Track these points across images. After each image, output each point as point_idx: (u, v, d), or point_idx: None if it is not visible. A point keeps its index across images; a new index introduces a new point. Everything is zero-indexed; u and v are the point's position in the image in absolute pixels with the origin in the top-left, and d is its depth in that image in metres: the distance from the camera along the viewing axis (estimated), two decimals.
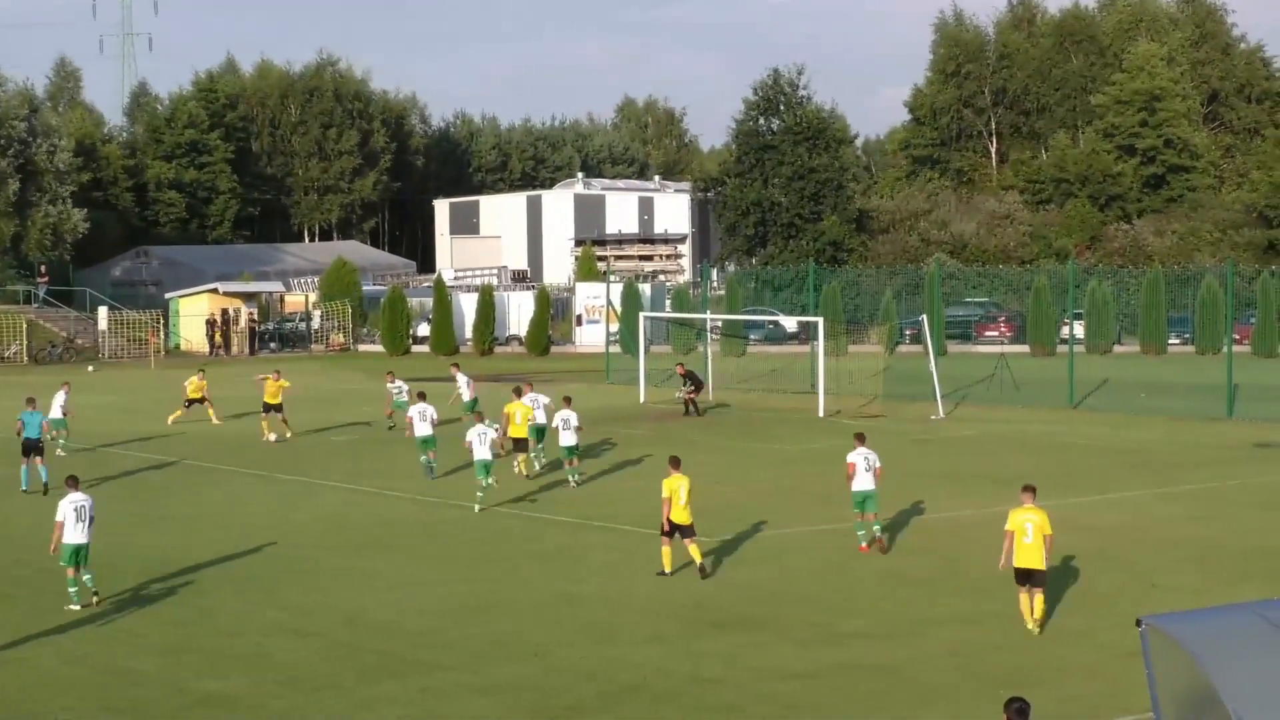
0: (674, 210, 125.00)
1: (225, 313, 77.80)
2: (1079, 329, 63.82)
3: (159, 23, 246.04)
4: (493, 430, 30.36)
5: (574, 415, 32.82)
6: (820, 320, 50.08)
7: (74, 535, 21.67)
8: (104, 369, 67.95)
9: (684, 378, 46.65)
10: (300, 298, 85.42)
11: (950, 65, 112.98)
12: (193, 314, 78.27)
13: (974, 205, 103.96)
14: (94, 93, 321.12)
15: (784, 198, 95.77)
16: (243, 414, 44.75)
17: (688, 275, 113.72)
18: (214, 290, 79.19)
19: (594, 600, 22.22)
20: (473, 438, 29.66)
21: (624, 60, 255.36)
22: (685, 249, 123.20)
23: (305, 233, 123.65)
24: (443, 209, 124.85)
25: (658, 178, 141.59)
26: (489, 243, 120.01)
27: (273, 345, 78.81)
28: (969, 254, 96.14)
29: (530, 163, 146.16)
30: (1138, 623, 11.07)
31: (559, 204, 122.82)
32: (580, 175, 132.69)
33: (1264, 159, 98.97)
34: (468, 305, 77.28)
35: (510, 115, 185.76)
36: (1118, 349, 71.47)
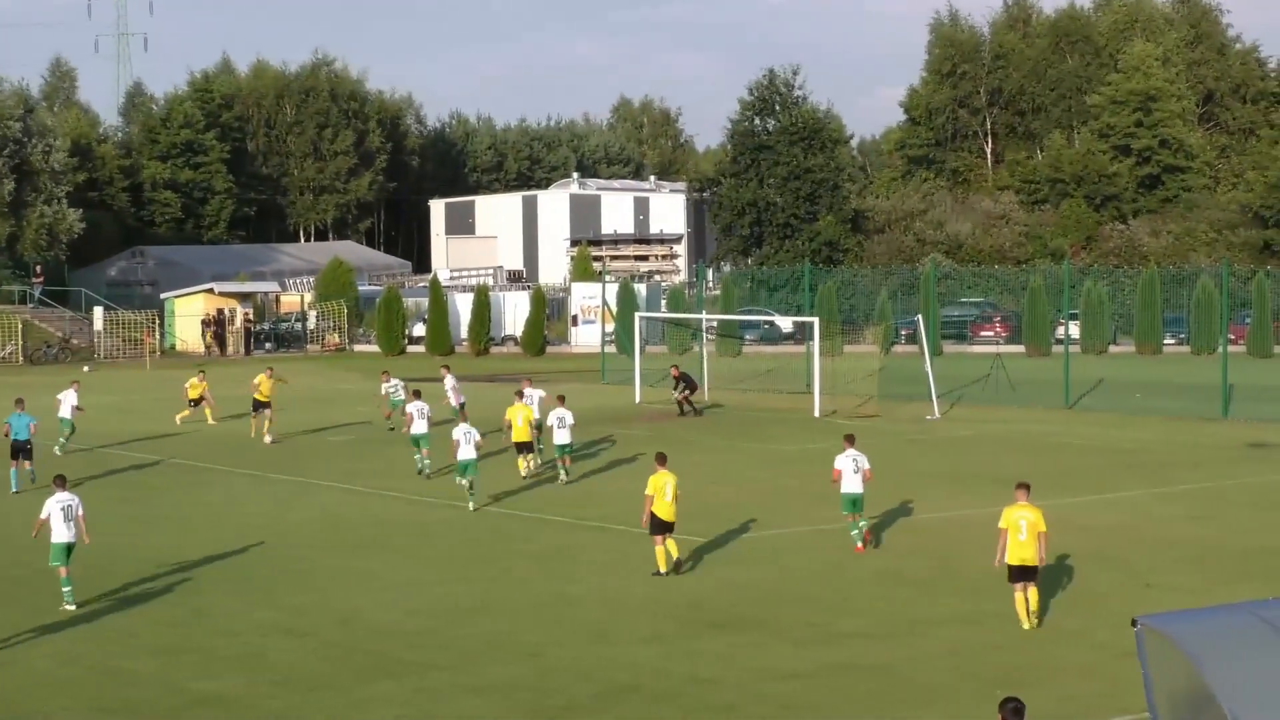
0: (669, 210, 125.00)
1: (221, 313, 77.75)
2: (1074, 329, 63.71)
3: (154, 23, 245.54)
4: (478, 433, 30.44)
5: (569, 414, 33.06)
6: (816, 320, 50.09)
7: (62, 534, 21.66)
8: (99, 369, 67.85)
9: (677, 380, 46.47)
10: (296, 298, 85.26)
11: (946, 65, 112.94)
12: (188, 314, 78.21)
13: (969, 205, 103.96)
14: (89, 93, 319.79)
15: (779, 198, 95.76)
16: (241, 414, 44.68)
17: (683, 275, 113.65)
18: (210, 290, 79.13)
19: (589, 600, 22.20)
20: (459, 436, 29.75)
21: (619, 60, 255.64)
22: (681, 249, 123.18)
23: (301, 233, 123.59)
24: (438, 209, 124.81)
25: (653, 178, 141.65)
26: (485, 243, 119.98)
27: (268, 345, 78.70)
28: (964, 254, 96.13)
29: (526, 163, 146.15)
30: (1133, 623, 11.07)
31: (554, 204, 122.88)
32: (576, 175, 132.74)
33: (1259, 159, 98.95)
34: (463, 305, 77.16)
35: (506, 115, 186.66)
36: (1113, 349, 71.40)
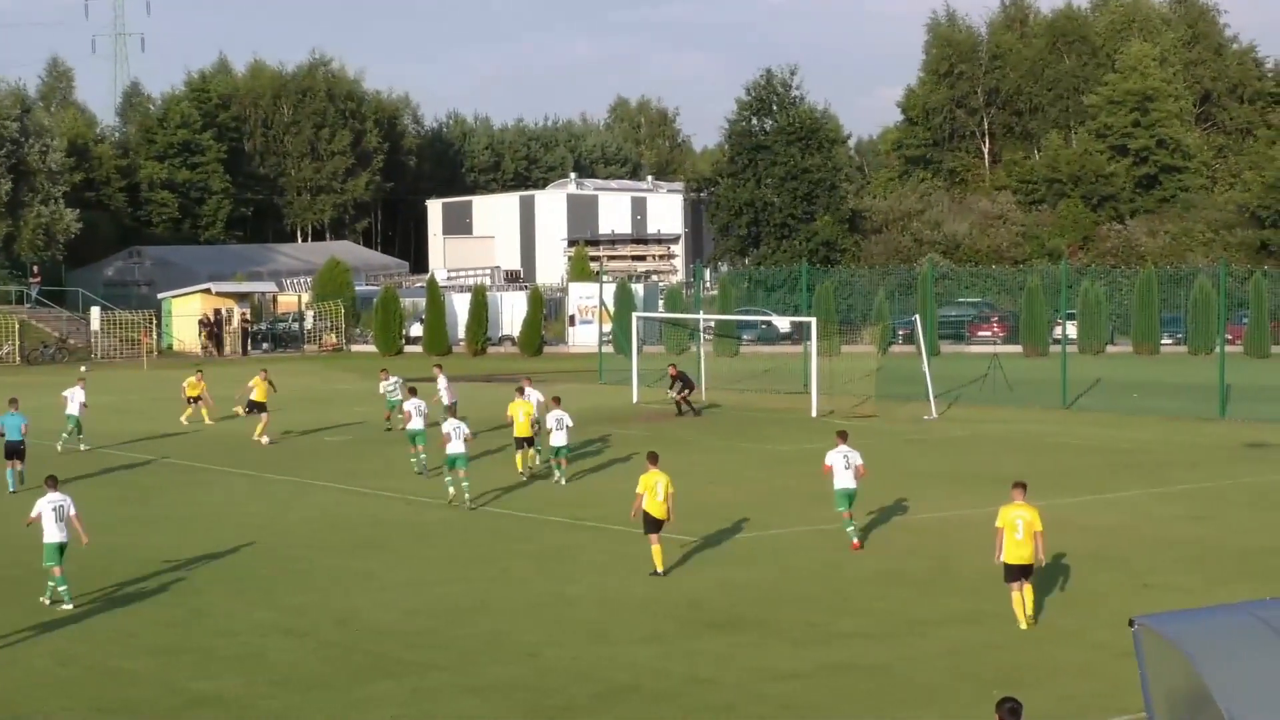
0: (667, 210, 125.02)
1: (218, 313, 77.72)
2: (1072, 329, 63.75)
3: (151, 23, 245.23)
4: (467, 428, 30.55)
5: (566, 415, 33.14)
6: (813, 320, 50.09)
7: (54, 534, 21.69)
8: (97, 369, 67.72)
9: (675, 379, 46.50)
10: (293, 298, 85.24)
11: (943, 65, 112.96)
12: (185, 314, 78.18)
13: (967, 205, 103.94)
14: (86, 93, 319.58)
15: (777, 198, 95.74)
16: (237, 414, 44.64)
17: (681, 275, 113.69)
18: (207, 290, 79.11)
19: (587, 600, 22.21)
20: (448, 430, 30.02)
21: (617, 60, 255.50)
22: (678, 249, 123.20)
23: (298, 233, 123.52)
24: (436, 209, 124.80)
25: (651, 178, 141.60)
26: (482, 243, 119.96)
27: (265, 346, 78.69)
28: (962, 254, 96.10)
29: (523, 163, 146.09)
30: (1131, 623, 11.08)
31: (552, 204, 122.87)
32: (573, 175, 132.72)
33: (1256, 159, 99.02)
34: (461, 305, 77.16)
35: (503, 115, 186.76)
36: (1110, 349, 71.42)
